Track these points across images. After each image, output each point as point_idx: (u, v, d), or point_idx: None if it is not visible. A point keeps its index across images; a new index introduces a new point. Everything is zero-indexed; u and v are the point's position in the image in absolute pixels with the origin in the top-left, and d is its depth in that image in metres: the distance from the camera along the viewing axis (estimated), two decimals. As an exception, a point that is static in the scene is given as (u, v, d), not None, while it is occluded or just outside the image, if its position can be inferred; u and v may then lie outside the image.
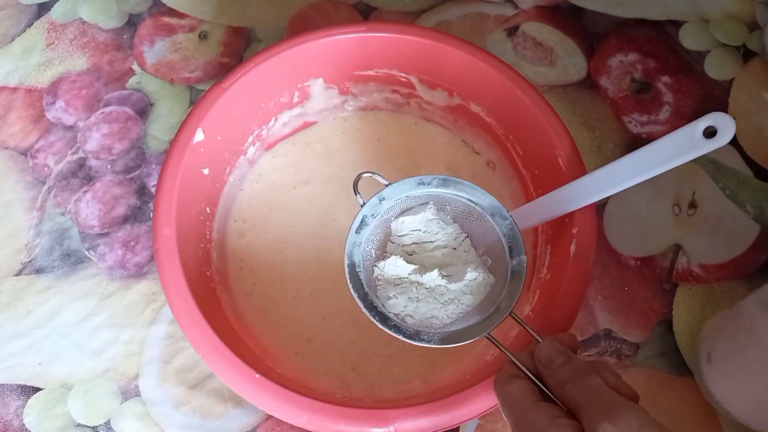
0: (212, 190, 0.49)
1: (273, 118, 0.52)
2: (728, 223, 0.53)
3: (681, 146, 0.35)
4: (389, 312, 0.38)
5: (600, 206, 0.53)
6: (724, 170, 0.54)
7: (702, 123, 0.35)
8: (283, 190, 0.52)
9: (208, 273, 0.47)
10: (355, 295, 0.38)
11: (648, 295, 0.51)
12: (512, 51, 0.60)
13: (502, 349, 0.36)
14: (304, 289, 0.49)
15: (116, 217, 0.54)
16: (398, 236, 0.41)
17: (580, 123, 0.57)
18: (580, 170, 0.44)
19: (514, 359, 0.35)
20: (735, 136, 0.55)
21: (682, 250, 0.52)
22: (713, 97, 0.58)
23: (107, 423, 0.48)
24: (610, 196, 0.52)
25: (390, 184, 0.40)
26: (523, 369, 0.35)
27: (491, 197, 0.40)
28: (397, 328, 0.37)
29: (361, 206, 0.39)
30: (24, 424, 0.48)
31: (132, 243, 0.53)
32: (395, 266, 0.39)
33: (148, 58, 0.60)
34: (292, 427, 0.46)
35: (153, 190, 0.54)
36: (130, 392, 0.48)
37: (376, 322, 0.37)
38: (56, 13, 0.62)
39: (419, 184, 0.40)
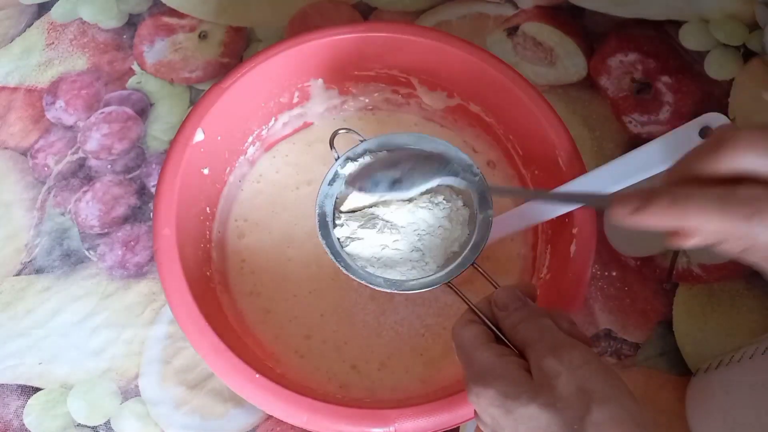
0: (212, 190, 0.49)
1: (273, 118, 0.52)
2: (728, 223, 0.53)
3: (677, 146, 0.36)
4: (356, 262, 0.40)
5: (600, 206, 0.54)
6: (724, 170, 0.54)
7: (698, 123, 0.35)
8: (286, 190, 0.52)
9: (208, 273, 0.47)
10: (323, 243, 0.40)
11: (648, 295, 0.51)
12: (512, 51, 0.60)
13: (461, 295, 0.37)
14: (303, 287, 0.49)
15: (116, 217, 0.54)
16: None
17: (580, 123, 0.57)
18: (580, 170, 0.44)
19: (470, 304, 0.36)
20: (735, 136, 0.56)
21: (682, 250, 0.52)
22: (713, 97, 0.58)
23: (107, 423, 0.48)
24: (610, 196, 0.53)
25: (365, 139, 0.42)
26: (479, 314, 0.35)
27: (463, 154, 0.41)
28: (360, 275, 0.39)
29: (336, 159, 0.41)
30: (24, 424, 0.48)
31: (132, 243, 0.53)
32: (356, 199, 0.41)
33: (148, 58, 0.60)
34: (292, 427, 0.46)
35: (153, 190, 0.54)
36: (130, 392, 0.48)
37: (342, 268, 0.39)
38: (56, 13, 0.62)
39: (393, 140, 0.42)
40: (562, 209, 0.42)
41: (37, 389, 0.49)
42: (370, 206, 0.41)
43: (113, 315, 0.51)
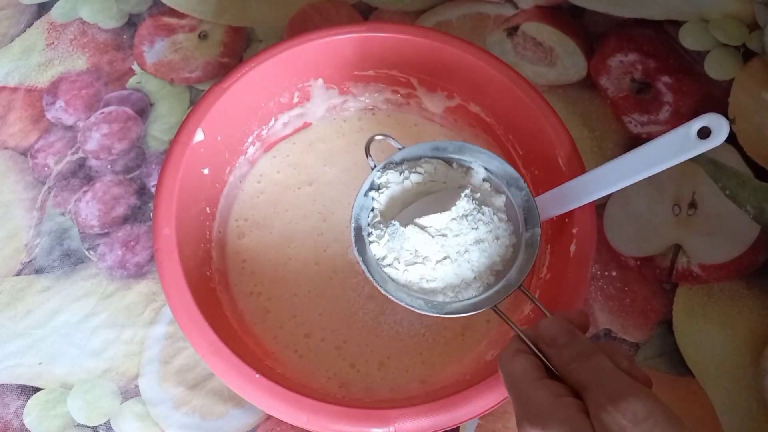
0: (212, 190, 0.49)
1: (273, 118, 0.52)
2: (728, 223, 0.53)
3: (675, 146, 0.36)
4: (394, 279, 0.37)
5: (600, 206, 0.53)
6: (724, 170, 0.54)
7: (696, 123, 0.35)
8: (287, 190, 0.52)
9: (208, 273, 0.47)
10: (359, 259, 0.36)
11: (648, 295, 0.51)
12: (512, 51, 0.60)
13: (508, 321, 0.34)
14: (303, 287, 0.49)
15: (116, 217, 0.54)
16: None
17: (580, 123, 0.57)
18: (580, 170, 0.44)
19: (520, 333, 0.33)
20: (735, 136, 0.56)
21: (682, 250, 0.52)
22: (713, 97, 0.58)
23: (107, 423, 0.48)
24: (609, 196, 0.53)
25: (403, 147, 0.38)
26: (529, 344, 0.33)
27: (508, 166, 0.38)
28: (399, 296, 0.36)
29: (372, 169, 0.38)
30: (24, 424, 0.48)
31: (132, 243, 0.53)
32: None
33: (148, 58, 0.60)
34: (292, 427, 0.46)
35: (153, 190, 0.54)
36: (130, 392, 0.48)
37: (379, 287, 0.36)
38: (56, 13, 0.62)
39: (434, 149, 0.38)
40: (562, 209, 0.42)
41: (37, 389, 0.49)
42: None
43: (113, 315, 0.51)
